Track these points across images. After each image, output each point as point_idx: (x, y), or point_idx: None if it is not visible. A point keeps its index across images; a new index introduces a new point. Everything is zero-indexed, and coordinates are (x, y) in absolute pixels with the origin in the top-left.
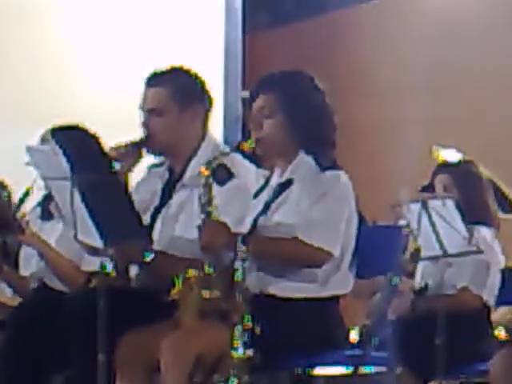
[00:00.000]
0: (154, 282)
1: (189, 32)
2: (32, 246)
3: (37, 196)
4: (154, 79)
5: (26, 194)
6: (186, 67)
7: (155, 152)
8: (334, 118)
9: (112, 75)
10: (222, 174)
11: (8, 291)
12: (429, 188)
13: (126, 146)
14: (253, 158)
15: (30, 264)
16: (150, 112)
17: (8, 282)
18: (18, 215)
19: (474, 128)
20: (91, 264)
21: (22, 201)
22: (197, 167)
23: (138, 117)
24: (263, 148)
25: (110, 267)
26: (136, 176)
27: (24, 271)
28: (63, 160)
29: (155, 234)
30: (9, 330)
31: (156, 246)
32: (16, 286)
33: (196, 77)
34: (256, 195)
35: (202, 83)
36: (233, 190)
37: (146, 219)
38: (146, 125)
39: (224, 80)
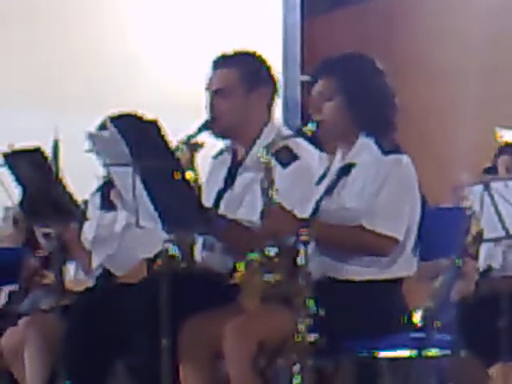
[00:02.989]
0: (218, 262)
1: (247, 16)
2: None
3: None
4: (222, 61)
5: (56, 144)
6: (252, 51)
7: (220, 134)
8: (394, 100)
9: (173, 61)
10: (285, 155)
11: (70, 276)
12: (491, 170)
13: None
14: (314, 141)
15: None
16: (217, 93)
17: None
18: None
19: None
20: (153, 249)
21: (55, 155)
22: (259, 150)
23: (198, 102)
24: (324, 131)
25: (174, 250)
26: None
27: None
28: (124, 146)
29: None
30: (73, 315)
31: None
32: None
33: (263, 61)
34: (319, 180)
35: (269, 67)
36: (297, 171)
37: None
38: (212, 106)
39: (283, 64)
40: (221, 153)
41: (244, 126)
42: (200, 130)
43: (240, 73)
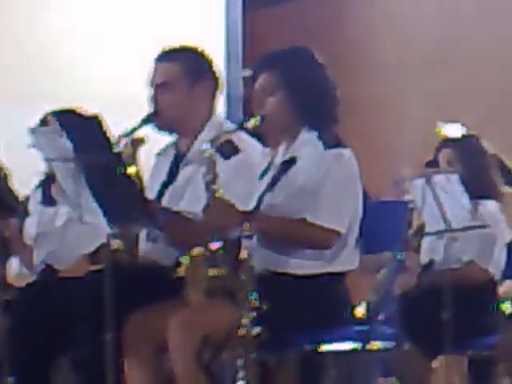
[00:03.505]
0: (161, 254)
1: (189, 11)
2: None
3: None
4: (165, 55)
5: None
6: (194, 46)
7: (164, 127)
8: (336, 93)
9: (115, 56)
10: (227, 148)
11: (13, 271)
12: (433, 163)
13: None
14: (257, 136)
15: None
16: (160, 87)
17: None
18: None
19: (476, 102)
20: (95, 244)
21: None
22: (201, 145)
23: (137, 97)
24: (266, 126)
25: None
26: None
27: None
28: (67, 141)
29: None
30: (15, 310)
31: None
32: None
33: (205, 55)
34: (262, 175)
35: (211, 62)
36: (239, 164)
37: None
38: (154, 100)
39: (225, 59)
40: (165, 149)
41: (187, 120)
42: (143, 122)
43: (183, 66)
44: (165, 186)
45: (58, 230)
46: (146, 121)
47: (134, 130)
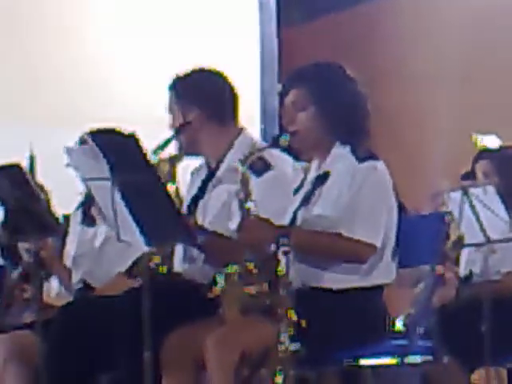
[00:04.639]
0: (198, 273)
1: (224, 28)
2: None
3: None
4: (169, 84)
5: (31, 159)
6: (203, 68)
7: (183, 151)
8: (367, 107)
9: (151, 75)
10: (259, 165)
11: (54, 291)
12: (469, 175)
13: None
14: (290, 152)
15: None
16: (168, 112)
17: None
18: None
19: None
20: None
21: (31, 169)
22: (231, 162)
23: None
24: (298, 141)
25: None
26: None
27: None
28: (103, 161)
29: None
30: (55, 330)
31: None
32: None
33: (204, 76)
34: (296, 190)
35: (209, 83)
36: (272, 180)
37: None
38: (171, 125)
39: (261, 74)
40: (199, 168)
41: (202, 144)
42: (165, 144)
43: (174, 93)
44: (194, 201)
45: (96, 249)
46: (163, 146)
47: (156, 152)
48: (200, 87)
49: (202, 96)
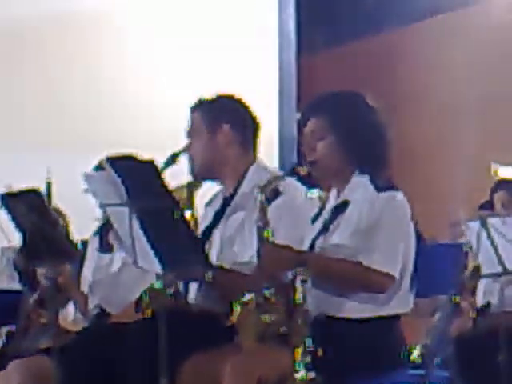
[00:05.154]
0: (214, 303)
1: (243, 55)
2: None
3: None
4: (193, 106)
5: (49, 185)
6: (229, 94)
7: (197, 176)
8: (386, 136)
9: (170, 101)
10: (270, 192)
11: (70, 316)
12: (487, 205)
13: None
14: (308, 181)
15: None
16: (188, 135)
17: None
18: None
19: None
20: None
21: (48, 194)
22: (247, 190)
23: None
24: (318, 170)
25: (159, 284)
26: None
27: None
28: (121, 187)
29: (213, 254)
30: (71, 356)
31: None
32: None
33: (232, 100)
34: (314, 219)
35: (237, 107)
36: (280, 207)
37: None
38: (186, 147)
39: (279, 102)
40: (212, 199)
41: (217, 167)
42: (166, 164)
43: (202, 113)
44: (209, 230)
45: (113, 275)
46: (168, 164)
47: (166, 166)
48: (230, 108)
49: (231, 116)
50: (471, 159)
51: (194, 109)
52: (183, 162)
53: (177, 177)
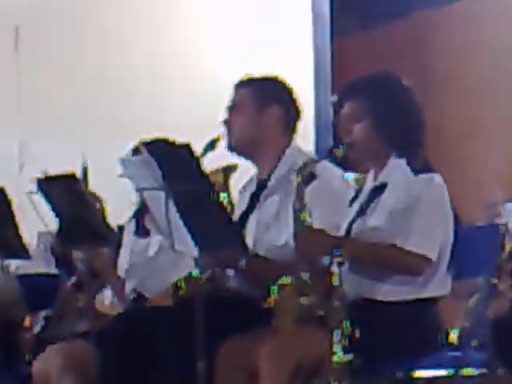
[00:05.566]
0: (250, 287)
1: (277, 38)
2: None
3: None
4: (241, 81)
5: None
6: (276, 75)
7: (235, 149)
8: (423, 117)
9: (204, 86)
10: (306, 176)
11: (107, 301)
12: None
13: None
14: (345, 163)
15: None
16: (230, 109)
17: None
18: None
19: None
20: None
21: (85, 179)
22: (282, 173)
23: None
24: (354, 153)
25: (196, 272)
26: None
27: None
28: (157, 171)
29: (249, 239)
30: (108, 340)
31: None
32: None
33: (280, 82)
34: (352, 201)
35: (285, 89)
36: (316, 190)
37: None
38: (226, 121)
39: (314, 85)
40: (246, 185)
41: (259, 144)
42: (206, 150)
43: (251, 90)
44: (246, 214)
45: (150, 259)
46: (208, 148)
47: (205, 152)
48: (280, 89)
49: (281, 97)
50: (508, 141)
51: (242, 85)
52: (220, 147)
53: (213, 161)
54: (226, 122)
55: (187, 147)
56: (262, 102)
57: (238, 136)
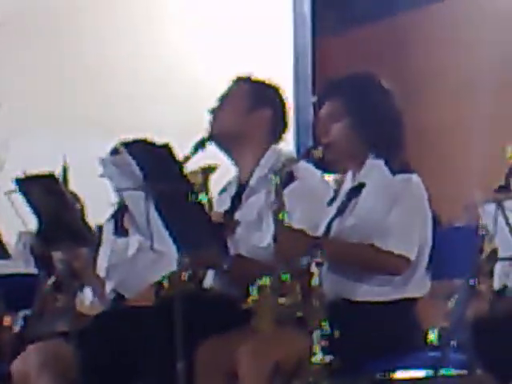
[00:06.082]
0: (230, 287)
1: (258, 38)
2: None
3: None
4: (243, 76)
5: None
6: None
7: (215, 138)
8: (401, 118)
9: (184, 84)
10: (285, 177)
11: (87, 301)
12: (504, 188)
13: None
14: (323, 163)
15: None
16: (223, 99)
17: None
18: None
19: None
20: (164, 272)
21: (64, 179)
22: (263, 174)
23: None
24: (332, 153)
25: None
26: None
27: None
28: (137, 171)
29: (231, 240)
30: (88, 340)
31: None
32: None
33: (278, 91)
34: (330, 201)
35: (281, 99)
36: (295, 191)
37: None
38: (214, 109)
39: (294, 84)
40: (225, 187)
41: (243, 142)
42: (196, 148)
43: (250, 88)
44: (228, 213)
45: (129, 259)
46: (197, 149)
47: (195, 150)
48: (277, 96)
49: (275, 104)
50: (487, 141)
51: (242, 80)
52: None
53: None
54: (214, 111)
55: (167, 147)
56: (256, 101)
57: (222, 126)
